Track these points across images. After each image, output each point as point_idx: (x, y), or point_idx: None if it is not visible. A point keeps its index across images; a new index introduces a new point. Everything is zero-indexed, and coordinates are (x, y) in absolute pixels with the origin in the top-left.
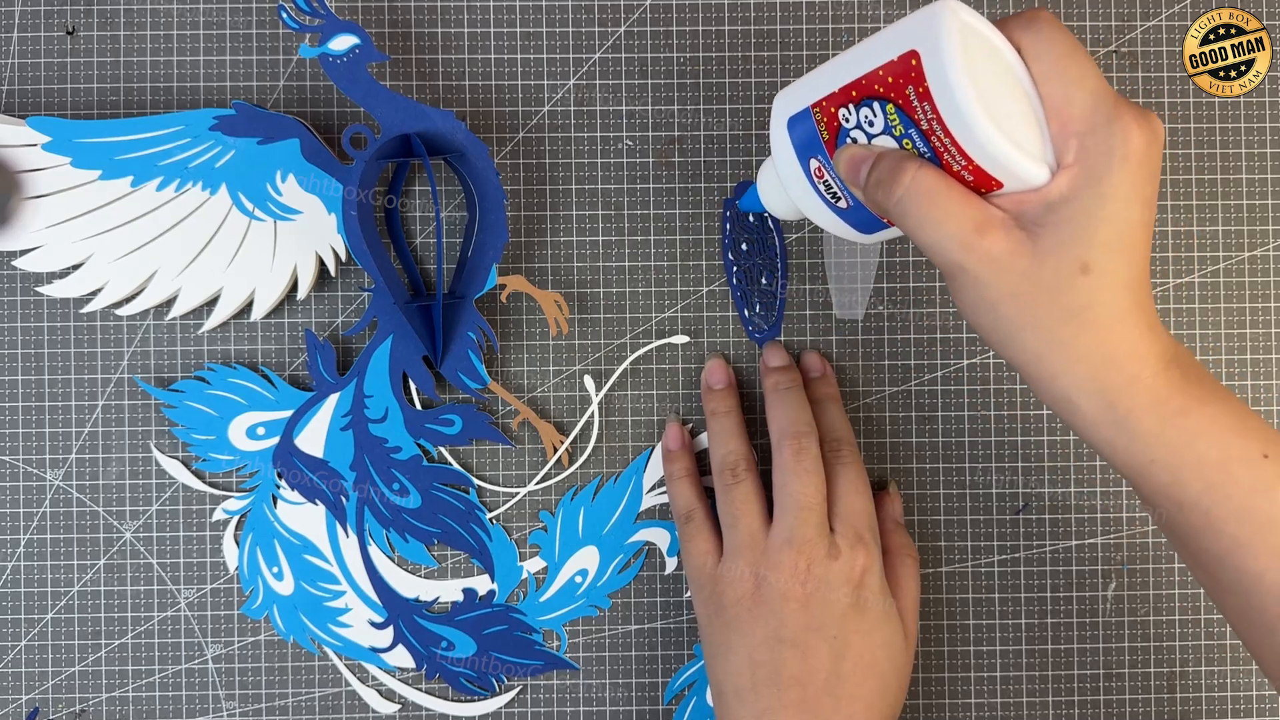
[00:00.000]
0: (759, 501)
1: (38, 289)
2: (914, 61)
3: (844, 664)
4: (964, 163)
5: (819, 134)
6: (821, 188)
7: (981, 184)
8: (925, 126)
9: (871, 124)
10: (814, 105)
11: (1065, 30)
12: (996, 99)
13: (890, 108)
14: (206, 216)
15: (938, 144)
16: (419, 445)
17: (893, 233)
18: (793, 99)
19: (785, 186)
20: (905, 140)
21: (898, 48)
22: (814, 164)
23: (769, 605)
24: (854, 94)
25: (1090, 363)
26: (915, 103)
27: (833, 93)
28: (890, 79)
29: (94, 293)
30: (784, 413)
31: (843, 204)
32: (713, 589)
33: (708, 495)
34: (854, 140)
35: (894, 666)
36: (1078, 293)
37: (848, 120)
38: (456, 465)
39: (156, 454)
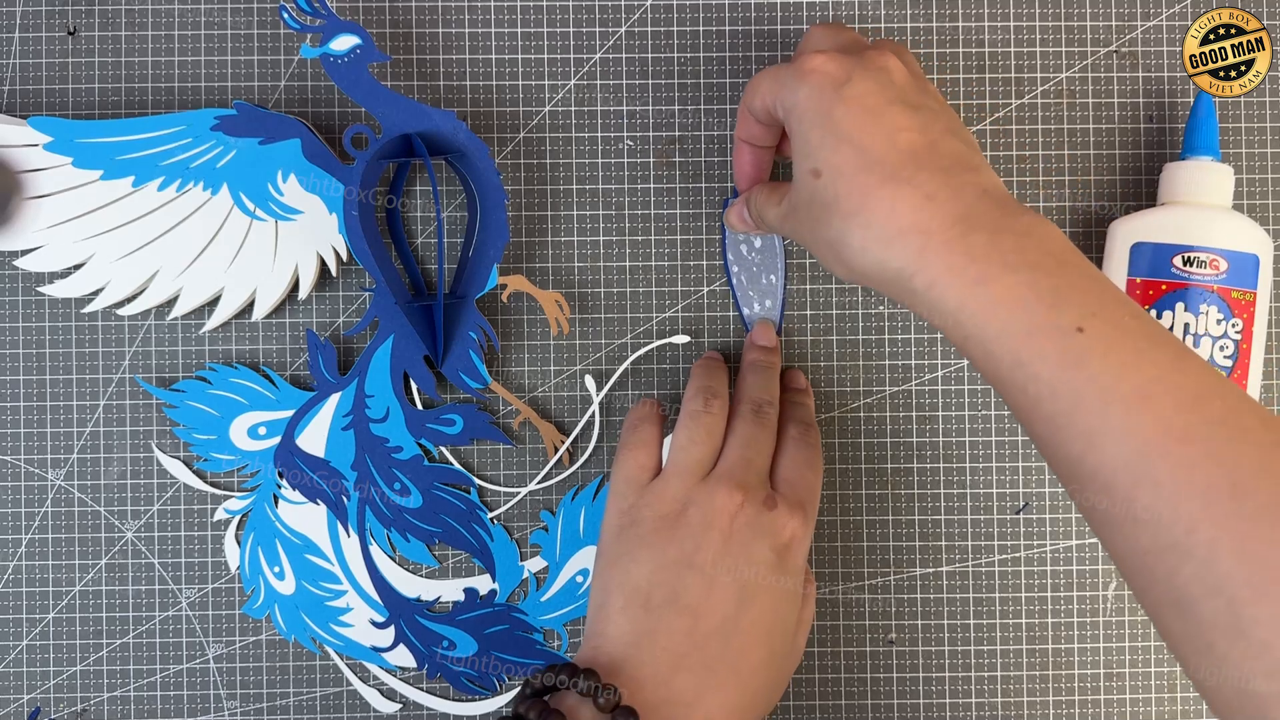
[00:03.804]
0: (719, 442)
1: (39, 289)
2: None
3: (745, 614)
4: None
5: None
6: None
7: None
8: None
9: None
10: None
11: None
12: None
13: None
14: (208, 216)
15: None
16: (420, 445)
17: None
18: None
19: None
20: None
21: None
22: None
23: (690, 529)
24: None
25: (874, 251)
26: None
27: None
28: None
29: (95, 293)
30: (755, 382)
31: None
32: (636, 501)
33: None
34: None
35: (785, 650)
36: (819, 192)
37: None
38: (457, 465)
39: (158, 454)
